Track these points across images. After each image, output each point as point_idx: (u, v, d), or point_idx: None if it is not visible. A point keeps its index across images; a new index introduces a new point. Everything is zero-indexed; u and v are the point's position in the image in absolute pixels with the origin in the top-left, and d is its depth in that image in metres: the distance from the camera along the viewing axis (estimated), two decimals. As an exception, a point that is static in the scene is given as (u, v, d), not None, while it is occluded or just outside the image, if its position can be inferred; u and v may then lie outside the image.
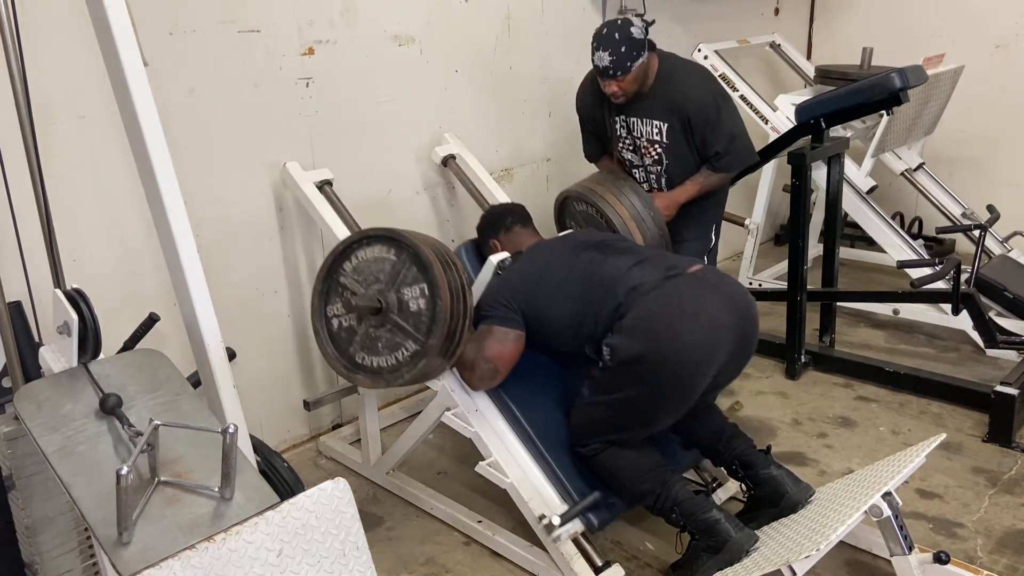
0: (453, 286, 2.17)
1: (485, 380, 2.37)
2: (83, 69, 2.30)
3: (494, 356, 2.33)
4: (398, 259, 2.22)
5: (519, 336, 2.35)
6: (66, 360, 1.75)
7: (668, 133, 2.91)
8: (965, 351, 3.61)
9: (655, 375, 2.14)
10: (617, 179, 2.98)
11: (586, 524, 2.25)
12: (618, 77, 2.79)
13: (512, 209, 2.79)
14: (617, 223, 2.83)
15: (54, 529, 1.79)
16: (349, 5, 2.93)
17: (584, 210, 2.97)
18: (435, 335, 2.14)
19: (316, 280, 2.35)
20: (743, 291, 2.31)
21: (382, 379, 2.26)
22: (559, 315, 2.31)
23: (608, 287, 2.25)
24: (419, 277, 2.18)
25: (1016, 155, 4.55)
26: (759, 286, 4.27)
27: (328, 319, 2.33)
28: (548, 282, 2.36)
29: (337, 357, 2.33)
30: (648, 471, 2.24)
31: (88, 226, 2.45)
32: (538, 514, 2.23)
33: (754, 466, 2.32)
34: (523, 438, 2.38)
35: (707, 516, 2.14)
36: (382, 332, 2.24)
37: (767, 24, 4.83)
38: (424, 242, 2.21)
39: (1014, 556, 2.35)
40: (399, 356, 2.22)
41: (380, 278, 2.24)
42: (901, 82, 3.03)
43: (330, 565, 1.52)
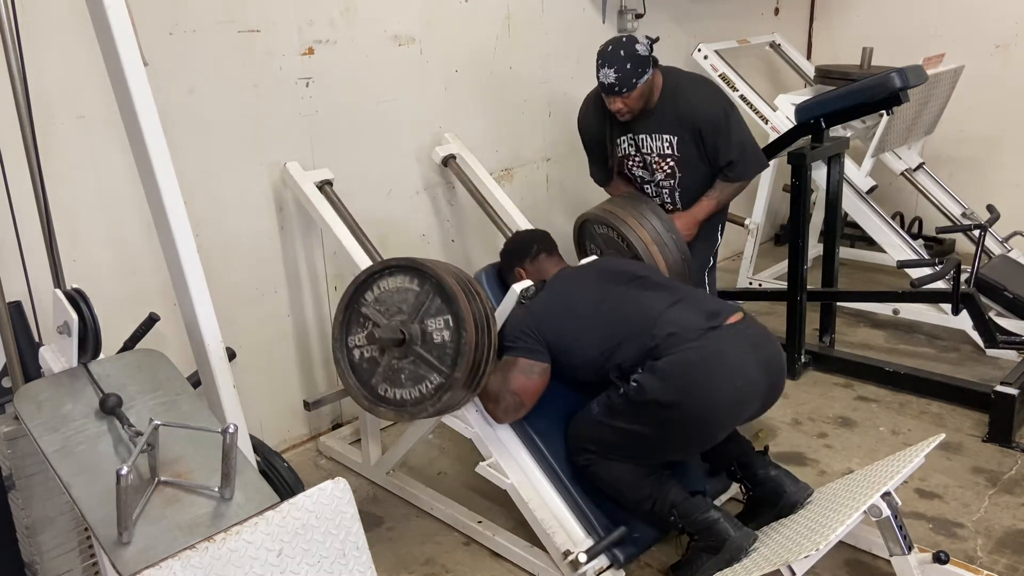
0: (478, 317, 2.13)
1: (510, 413, 2.33)
2: (83, 69, 2.30)
3: (519, 389, 2.29)
4: (421, 289, 2.17)
5: (545, 369, 2.31)
6: (66, 360, 1.75)
7: (679, 146, 2.92)
8: (965, 351, 3.61)
9: (678, 425, 2.15)
10: (638, 202, 2.96)
11: (611, 559, 2.24)
12: (623, 94, 2.79)
13: (538, 237, 2.71)
14: (639, 247, 2.82)
15: (54, 529, 1.79)
16: (349, 5, 2.93)
17: (605, 233, 2.95)
18: (460, 368, 2.10)
19: (337, 310, 2.30)
20: (776, 346, 2.30)
21: (406, 412, 2.21)
22: (586, 348, 2.28)
23: (644, 325, 2.22)
24: (443, 308, 2.13)
25: (1016, 155, 4.55)
26: (759, 286, 4.27)
27: (350, 350, 2.28)
28: (576, 314, 2.33)
29: (359, 388, 2.27)
30: (644, 476, 2.24)
31: (88, 226, 2.45)
32: (563, 549, 2.21)
33: (752, 467, 2.33)
34: (546, 470, 2.36)
35: (705, 516, 2.15)
36: (405, 364, 2.19)
37: (767, 24, 4.83)
38: (447, 272, 2.17)
39: (1014, 556, 2.35)
40: (423, 389, 2.18)
41: (403, 309, 2.19)
42: (901, 82, 3.03)
43: (330, 565, 1.52)
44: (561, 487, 2.33)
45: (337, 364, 2.29)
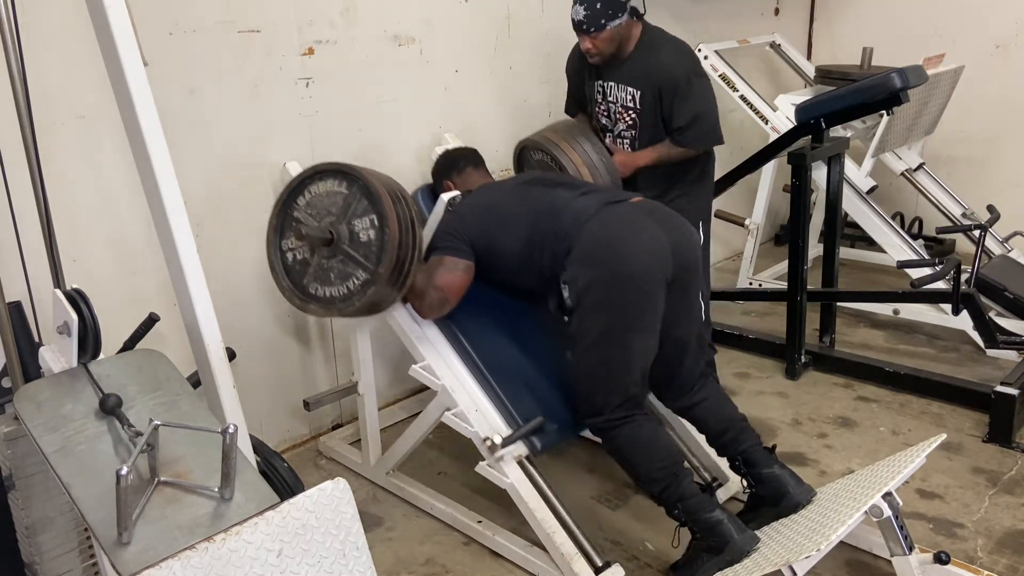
0: (402, 217, 2.23)
1: (435, 308, 2.43)
2: (83, 69, 2.30)
3: (444, 285, 2.39)
4: (349, 192, 2.28)
5: (468, 266, 2.41)
6: (66, 360, 1.75)
7: (641, 100, 2.92)
8: (965, 351, 3.61)
9: (612, 292, 2.21)
10: (572, 128, 2.99)
11: (529, 447, 2.35)
12: (591, 33, 2.82)
13: (465, 152, 2.86)
14: (570, 169, 2.86)
15: (54, 529, 1.79)
16: (349, 5, 2.93)
17: (540, 158, 2.99)
18: (384, 264, 2.21)
19: (271, 215, 2.40)
20: (678, 217, 2.40)
21: (334, 308, 2.32)
22: (508, 246, 2.38)
23: (554, 218, 2.32)
24: (369, 209, 2.24)
25: (1016, 155, 4.55)
26: (759, 286, 4.27)
27: (283, 252, 2.40)
28: (497, 215, 2.44)
29: (292, 289, 2.39)
30: (662, 459, 2.23)
31: (88, 226, 2.45)
32: (483, 436, 2.30)
33: (757, 464, 2.32)
34: (470, 366, 2.48)
35: (710, 516, 2.14)
36: (334, 263, 2.31)
37: (767, 24, 4.82)
38: (375, 176, 2.27)
39: (1014, 556, 2.35)
40: (350, 285, 2.29)
41: (332, 211, 2.30)
42: (901, 82, 3.03)
43: (330, 565, 1.52)
44: (485, 382, 2.45)
45: (271, 267, 2.41)
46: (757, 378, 3.47)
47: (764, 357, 3.61)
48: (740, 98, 4.09)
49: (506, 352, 2.56)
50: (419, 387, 3.27)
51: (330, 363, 3.16)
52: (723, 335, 3.67)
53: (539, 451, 2.37)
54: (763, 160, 3.69)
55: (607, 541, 2.48)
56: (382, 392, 3.17)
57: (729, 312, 4.05)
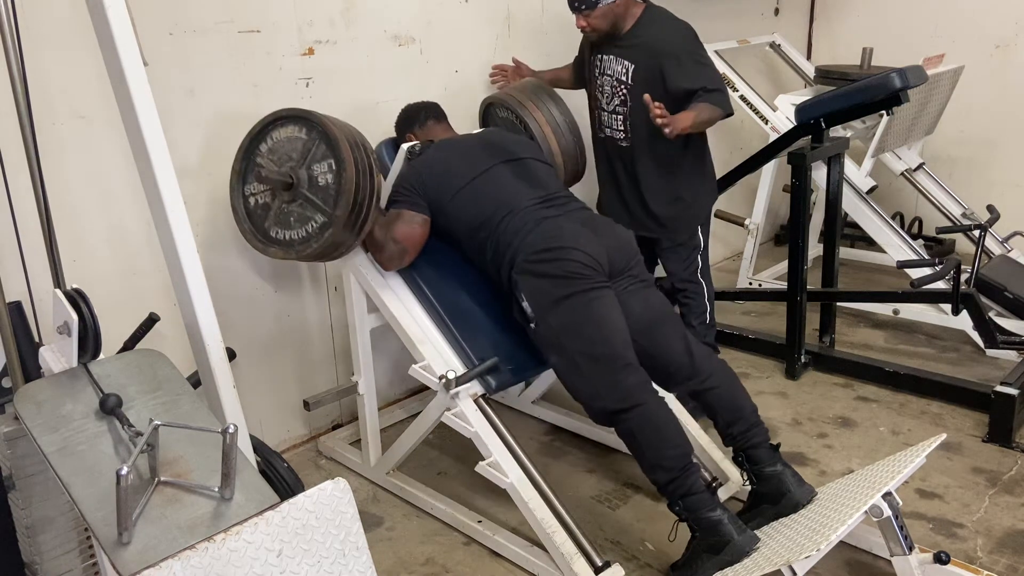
0: (360, 163, 2.28)
1: (395, 260, 2.50)
2: (83, 69, 2.30)
3: (402, 237, 2.47)
4: (308, 137, 2.33)
5: (425, 220, 2.51)
6: (66, 360, 1.75)
7: (634, 74, 2.91)
8: (965, 351, 3.61)
9: (561, 286, 2.29)
10: (539, 88, 3.01)
11: (484, 387, 2.44)
12: (583, 11, 2.84)
13: (427, 106, 2.87)
14: (535, 130, 2.89)
15: (54, 529, 1.79)
16: (349, 5, 2.93)
17: (506, 116, 3.01)
18: (341, 206, 2.26)
19: (234, 160, 2.45)
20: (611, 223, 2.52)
21: (293, 251, 2.38)
22: (460, 214, 2.49)
23: (504, 218, 2.42)
24: (327, 154, 2.30)
25: (1016, 155, 4.55)
26: (759, 286, 4.27)
27: (245, 197, 2.45)
28: (453, 176, 2.51)
29: (253, 232, 2.44)
30: (674, 446, 2.20)
31: (88, 226, 2.45)
32: (439, 373, 2.37)
33: (760, 462, 2.31)
34: (431, 312, 2.55)
35: (711, 515, 2.14)
36: (294, 207, 2.37)
37: (767, 24, 4.82)
38: (334, 123, 2.32)
39: (1014, 556, 2.35)
40: (309, 228, 2.35)
41: (292, 156, 2.36)
42: (901, 82, 3.03)
43: (330, 565, 1.52)
44: (442, 324, 2.52)
45: (235, 212, 2.47)
46: (757, 378, 3.47)
47: (764, 357, 3.61)
48: (740, 98, 4.09)
49: (463, 298, 2.63)
50: (419, 387, 3.27)
51: (330, 363, 3.16)
52: (723, 335, 3.67)
53: (493, 390, 2.45)
54: (763, 160, 3.69)
55: (607, 541, 2.48)
56: (382, 392, 3.16)
57: (729, 312, 4.05)
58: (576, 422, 3.06)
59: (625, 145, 3.04)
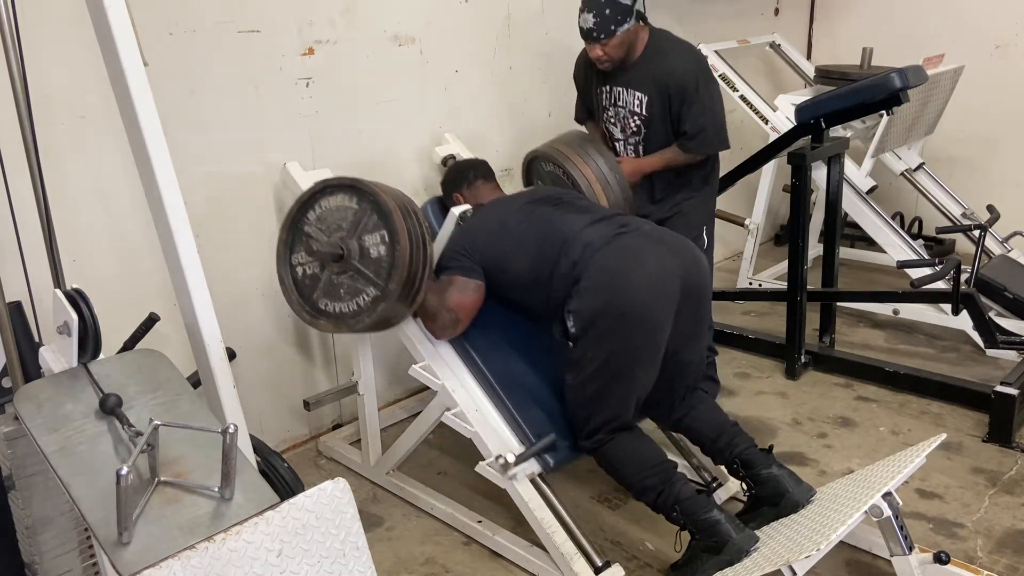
0: (413, 233, 2.22)
1: (447, 329, 2.43)
2: (83, 69, 2.30)
3: (456, 305, 2.39)
4: (359, 207, 2.27)
5: (479, 286, 2.41)
6: (66, 360, 1.75)
7: (648, 106, 2.91)
8: (965, 351, 3.61)
9: (617, 326, 2.20)
10: (584, 141, 2.98)
11: (542, 465, 2.34)
12: (601, 40, 2.80)
13: (475, 164, 2.83)
14: (583, 185, 2.85)
15: (54, 529, 1.79)
16: (349, 5, 2.93)
17: (551, 171, 2.98)
18: (395, 280, 2.19)
19: (281, 230, 2.40)
20: (689, 244, 2.41)
21: (344, 324, 2.31)
22: (516, 267, 2.37)
23: (563, 246, 2.30)
24: (379, 224, 2.23)
25: (1016, 155, 4.55)
26: (759, 286, 4.27)
27: (293, 267, 2.39)
28: (506, 234, 2.42)
29: (301, 304, 2.38)
30: (652, 467, 2.24)
31: (88, 226, 2.45)
32: (495, 454, 2.28)
33: (755, 465, 2.32)
34: (483, 384, 2.46)
35: (708, 516, 2.14)
36: (344, 279, 2.30)
37: (767, 24, 4.83)
38: (385, 191, 2.26)
39: (1014, 556, 2.35)
40: (360, 302, 2.28)
41: (343, 226, 2.29)
42: (901, 82, 3.03)
43: (330, 565, 1.52)
44: (497, 399, 2.43)
45: (281, 281, 2.40)
46: (757, 378, 3.47)
47: (764, 357, 3.61)
48: (740, 98, 4.09)
49: (518, 369, 2.53)
50: (419, 387, 3.27)
51: (330, 363, 3.16)
52: (723, 335, 3.67)
53: (552, 468, 2.35)
54: (763, 160, 3.69)
55: (607, 541, 2.48)
56: (382, 392, 3.16)
57: (729, 312, 4.05)
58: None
59: None
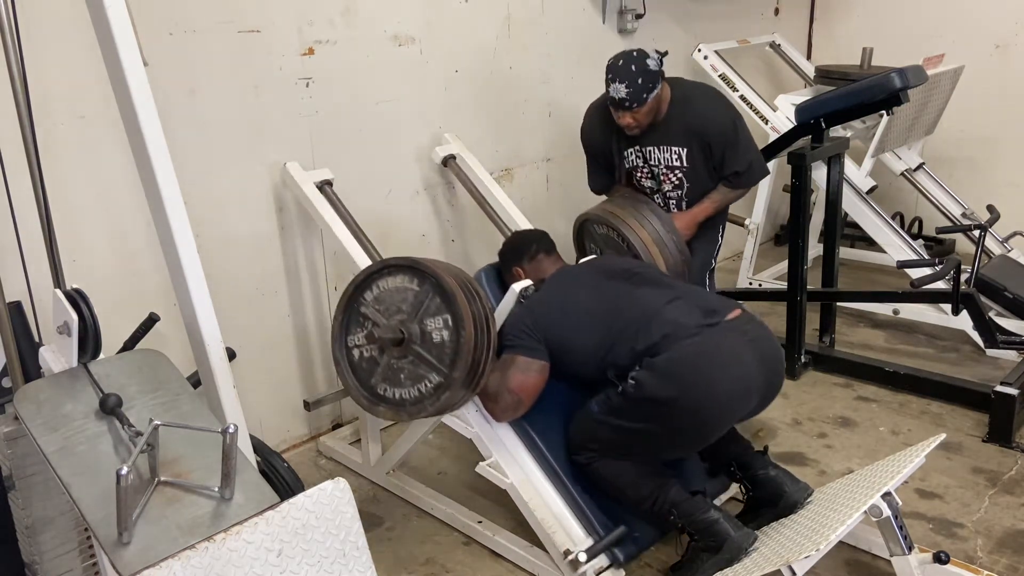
0: (477, 317, 2.13)
1: (508, 411, 2.33)
2: (83, 69, 2.30)
3: (518, 387, 2.29)
4: (420, 289, 2.17)
5: (543, 367, 2.31)
6: (66, 360, 1.75)
7: (688, 158, 2.91)
8: (965, 351, 3.61)
9: (676, 420, 2.15)
10: (638, 202, 2.93)
11: (611, 559, 2.24)
12: (633, 109, 2.76)
13: (537, 236, 2.71)
14: (639, 247, 2.79)
15: (54, 529, 1.79)
16: (349, 5, 2.93)
17: (605, 233, 2.93)
18: (459, 367, 2.10)
19: (336, 310, 2.30)
20: (774, 343, 2.31)
21: (405, 412, 2.21)
22: (584, 345, 2.28)
23: (641, 322, 2.22)
24: (442, 308, 2.13)
25: (1016, 155, 4.55)
26: (759, 286, 4.27)
27: (349, 349, 2.28)
28: (573, 311, 2.32)
29: (359, 388, 2.27)
30: (644, 475, 2.24)
31: (88, 226, 2.45)
32: (563, 548, 2.20)
33: (752, 467, 2.33)
34: (546, 469, 2.36)
35: (705, 516, 2.15)
36: (404, 363, 2.19)
37: (767, 24, 4.83)
38: (447, 272, 2.17)
39: (1014, 556, 2.35)
40: (422, 388, 2.18)
41: (402, 308, 2.19)
42: (901, 82, 3.03)
43: (330, 565, 1.52)
44: (561, 486, 2.33)
45: (337, 364, 2.29)
46: (757, 378, 3.47)
47: (764, 357, 3.61)
48: (740, 98, 4.09)
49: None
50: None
51: (330, 363, 3.13)
52: (723, 335, 3.66)
53: (622, 563, 2.25)
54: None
55: (607, 541, 2.48)
56: (382, 392, 3.16)
57: (729, 312, 4.04)
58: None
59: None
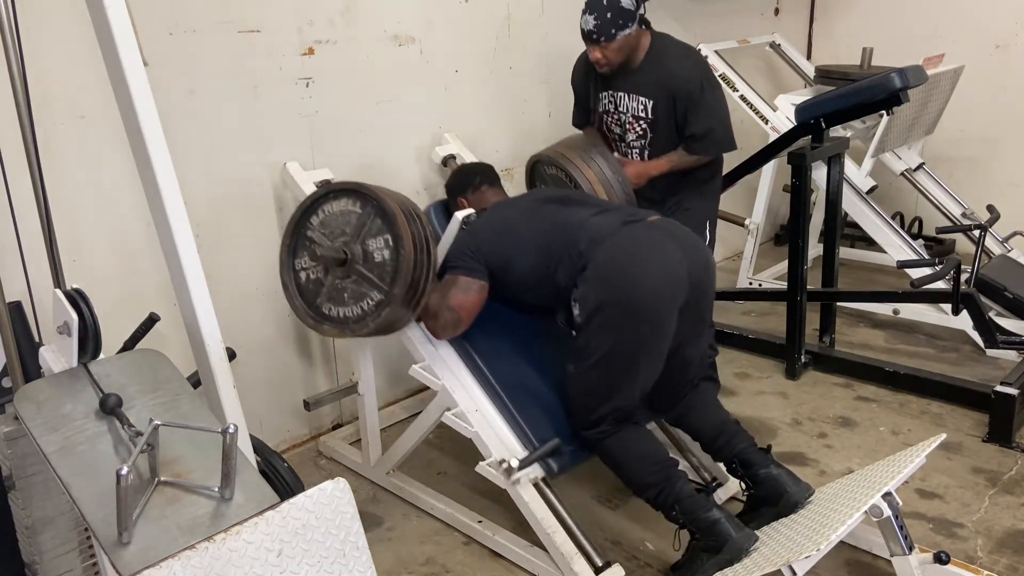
0: (417, 237, 2.23)
1: (448, 329, 2.42)
2: (83, 69, 2.30)
3: (458, 306, 2.38)
4: (363, 211, 2.27)
5: (482, 286, 2.40)
6: (66, 360, 1.75)
7: (653, 110, 2.91)
8: (965, 351, 3.61)
9: (623, 318, 2.19)
10: (587, 143, 2.98)
11: (545, 469, 2.33)
12: (601, 43, 2.80)
13: (481, 169, 2.84)
14: (584, 186, 2.85)
15: (54, 529, 1.79)
16: (349, 5, 2.93)
17: (554, 173, 2.98)
18: (399, 284, 2.20)
19: (284, 235, 2.40)
20: (696, 238, 2.40)
21: (348, 328, 2.32)
22: (523, 265, 2.37)
23: (569, 236, 2.30)
24: (383, 228, 2.23)
25: (1016, 155, 4.55)
26: (759, 286, 4.27)
27: (296, 272, 2.39)
28: (512, 234, 2.42)
29: (305, 309, 2.38)
30: (653, 464, 2.24)
31: (88, 226, 2.45)
32: (499, 459, 2.28)
33: (754, 465, 2.32)
34: (486, 387, 2.45)
35: (707, 515, 2.14)
36: (348, 283, 2.30)
37: (767, 24, 4.83)
38: (389, 195, 2.26)
39: (1014, 556, 2.35)
40: (364, 306, 2.28)
41: (346, 231, 2.29)
42: (901, 82, 3.03)
43: (330, 565, 1.52)
44: (500, 403, 2.43)
45: (285, 287, 2.40)
46: (757, 378, 3.47)
47: (764, 357, 3.61)
48: (740, 98, 4.09)
49: (521, 372, 2.53)
50: (419, 387, 3.27)
51: (330, 363, 3.16)
52: (723, 335, 3.67)
53: (556, 473, 2.34)
54: (763, 160, 3.69)
55: (607, 541, 2.48)
56: (382, 392, 3.16)
57: (729, 312, 4.05)
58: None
59: None
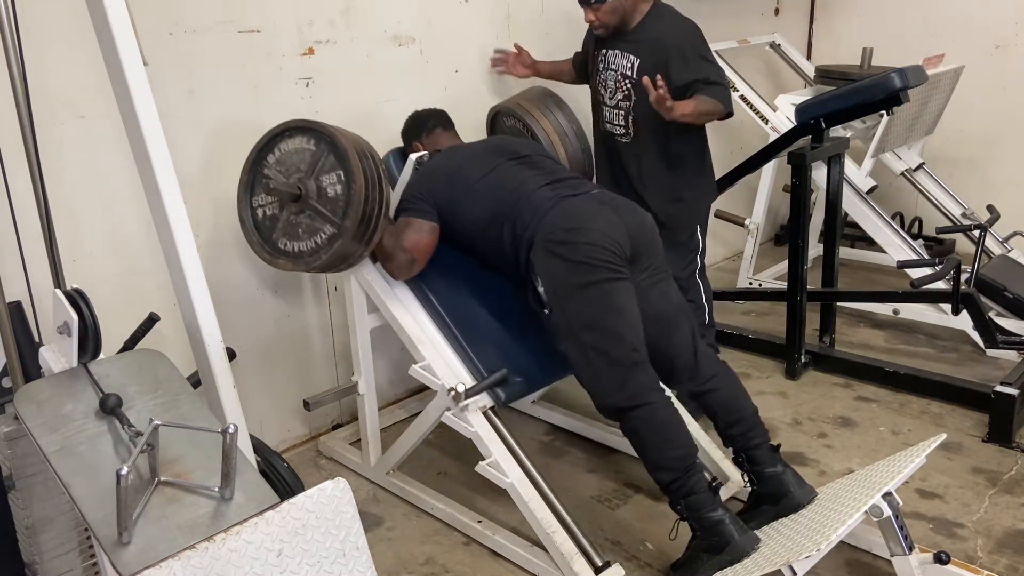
0: (368, 173, 2.29)
1: (403, 269, 2.49)
2: (83, 69, 2.30)
3: (411, 246, 2.45)
4: (317, 148, 2.33)
5: (433, 228, 2.48)
6: (66, 360, 1.75)
7: (639, 69, 2.90)
8: (965, 351, 3.61)
9: (582, 273, 2.24)
10: (545, 96, 3.02)
11: (494, 399, 2.43)
12: (593, 5, 2.86)
13: (435, 113, 2.87)
14: (541, 137, 2.90)
15: (54, 529, 1.79)
16: (349, 5, 2.93)
17: (512, 125, 3.02)
18: (350, 217, 2.26)
19: (241, 172, 2.44)
20: (635, 205, 2.45)
21: (302, 262, 2.38)
22: (470, 214, 2.44)
23: (516, 202, 2.37)
24: (336, 164, 2.30)
25: (1016, 155, 4.55)
26: (759, 286, 4.27)
27: (253, 208, 2.45)
28: (461, 181, 2.48)
29: (261, 244, 2.43)
30: (677, 447, 2.20)
31: (88, 226, 2.45)
32: (448, 387, 2.36)
33: (761, 463, 2.31)
34: (438, 322, 2.55)
35: (712, 515, 2.14)
36: (302, 218, 2.36)
37: (767, 24, 4.82)
38: (342, 133, 2.32)
39: (1014, 556, 2.35)
40: (318, 240, 2.35)
41: (301, 168, 2.35)
42: (901, 82, 3.03)
43: (330, 565, 1.52)
44: (452, 337, 2.52)
45: (242, 223, 2.45)
46: (757, 378, 3.47)
47: (764, 357, 3.61)
48: (740, 98, 4.08)
49: (473, 308, 2.62)
50: (419, 387, 3.27)
51: (330, 363, 3.16)
52: (723, 335, 3.67)
53: (503, 402, 2.44)
54: (763, 160, 3.69)
55: (607, 541, 2.48)
56: (382, 392, 3.17)
57: (729, 312, 4.05)
58: (576, 422, 3.06)
59: (626, 141, 3.04)
